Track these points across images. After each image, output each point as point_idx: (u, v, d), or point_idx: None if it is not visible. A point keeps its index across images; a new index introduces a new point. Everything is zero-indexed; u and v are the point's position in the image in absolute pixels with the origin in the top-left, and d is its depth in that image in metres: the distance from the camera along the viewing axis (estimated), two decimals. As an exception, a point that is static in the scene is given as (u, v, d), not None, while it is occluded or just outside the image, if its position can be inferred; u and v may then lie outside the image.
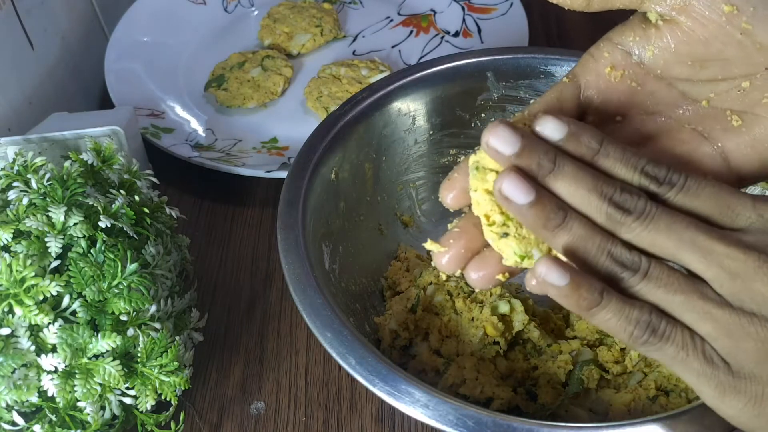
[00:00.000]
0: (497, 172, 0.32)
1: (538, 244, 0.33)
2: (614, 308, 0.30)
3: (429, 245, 0.36)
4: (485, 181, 0.33)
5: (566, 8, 0.35)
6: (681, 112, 0.36)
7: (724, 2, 0.32)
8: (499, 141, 0.31)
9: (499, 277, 0.34)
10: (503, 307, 0.48)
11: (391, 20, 0.81)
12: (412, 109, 0.55)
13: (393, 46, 0.78)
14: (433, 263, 0.36)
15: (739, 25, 0.33)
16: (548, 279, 0.30)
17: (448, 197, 0.35)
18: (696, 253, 0.30)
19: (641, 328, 0.30)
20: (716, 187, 0.31)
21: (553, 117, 0.31)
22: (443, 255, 0.35)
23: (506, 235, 0.33)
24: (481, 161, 0.33)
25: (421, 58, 0.77)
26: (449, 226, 0.36)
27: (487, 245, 0.34)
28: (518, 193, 0.30)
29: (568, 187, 0.31)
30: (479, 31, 0.78)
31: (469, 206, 0.34)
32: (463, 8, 0.81)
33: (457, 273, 0.35)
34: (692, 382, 0.31)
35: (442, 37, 0.78)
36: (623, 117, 0.36)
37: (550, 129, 0.31)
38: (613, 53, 0.36)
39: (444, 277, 0.52)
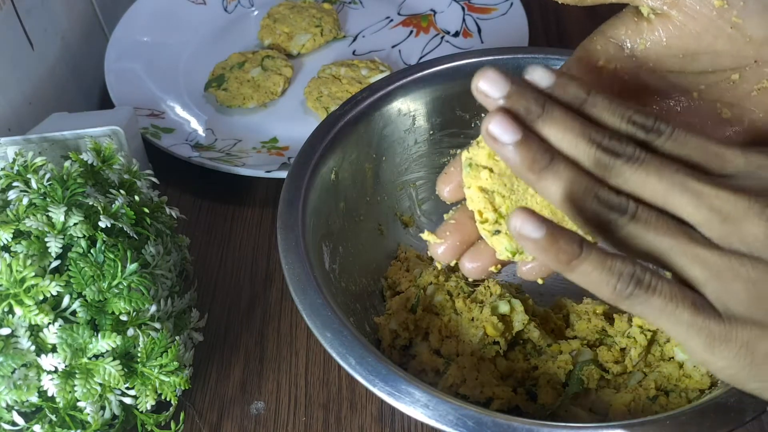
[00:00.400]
0: (490, 170, 0.33)
1: None
2: (595, 260, 0.29)
3: (426, 236, 0.37)
4: (478, 178, 0.33)
5: (560, 2, 0.36)
6: (672, 104, 0.36)
7: None
8: (488, 84, 0.30)
9: (492, 268, 0.36)
10: (503, 307, 0.48)
11: (391, 20, 0.81)
12: (412, 109, 0.55)
13: (393, 46, 0.78)
14: (429, 252, 0.37)
15: (729, 19, 0.33)
16: (524, 232, 0.29)
17: (445, 191, 0.36)
18: (685, 195, 0.29)
19: (625, 280, 0.29)
20: (704, 138, 0.31)
21: (543, 66, 0.31)
22: (439, 246, 0.36)
23: (498, 232, 0.33)
24: (473, 158, 0.33)
25: (421, 58, 0.77)
26: (445, 216, 0.37)
27: (481, 237, 0.35)
28: (505, 132, 0.30)
29: (557, 132, 0.30)
30: (479, 31, 0.78)
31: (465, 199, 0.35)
32: (463, 8, 0.81)
33: (452, 263, 0.36)
34: (681, 336, 0.30)
35: (442, 37, 0.78)
36: None
37: (539, 76, 0.31)
38: (606, 46, 0.36)
39: (444, 278, 0.52)
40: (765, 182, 0.29)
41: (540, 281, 0.35)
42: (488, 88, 0.30)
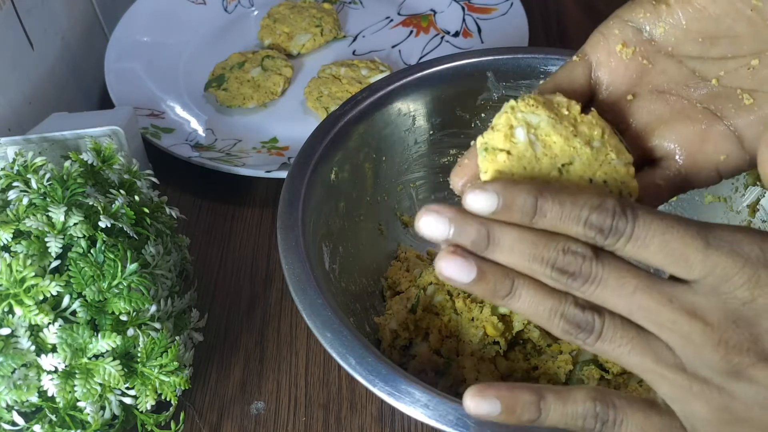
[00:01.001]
0: (508, 152, 0.32)
1: None
2: (557, 416, 0.30)
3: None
4: (495, 161, 0.32)
5: None
6: (692, 90, 0.35)
7: None
8: (428, 228, 0.30)
9: None
10: (503, 307, 0.48)
11: (391, 20, 0.81)
12: (412, 109, 0.55)
13: (393, 46, 0.78)
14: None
15: (749, 2, 0.33)
16: (480, 412, 0.30)
17: (459, 183, 0.35)
18: (645, 318, 0.29)
19: (590, 423, 0.30)
20: (667, 234, 0.28)
21: (481, 190, 0.30)
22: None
23: None
24: (489, 142, 0.33)
25: (421, 58, 0.77)
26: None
27: None
28: (459, 274, 0.30)
29: (508, 258, 0.30)
30: (479, 31, 0.78)
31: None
32: (463, 8, 0.81)
33: None
34: None
35: (442, 37, 0.78)
36: (634, 96, 0.36)
37: (479, 205, 0.30)
38: (624, 30, 0.35)
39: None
40: (723, 305, 0.28)
41: None
42: (430, 231, 0.30)
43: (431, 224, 0.30)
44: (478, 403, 0.30)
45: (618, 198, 0.29)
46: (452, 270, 0.30)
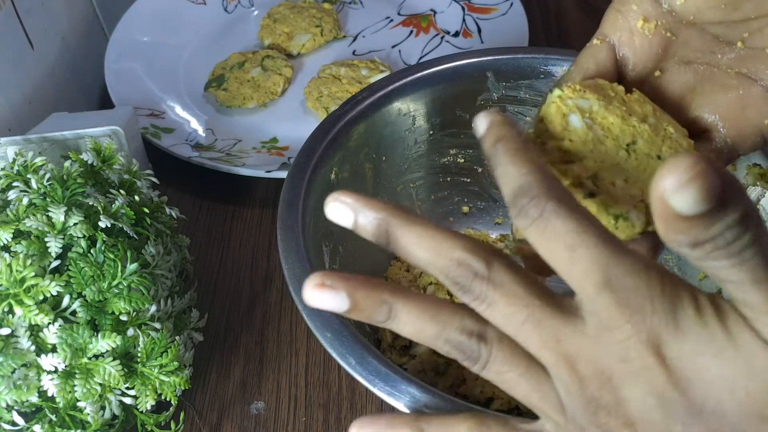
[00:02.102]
0: (569, 140, 0.30)
1: (635, 204, 0.29)
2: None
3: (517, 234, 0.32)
4: (561, 149, 0.30)
5: None
6: (719, 57, 0.34)
7: None
8: (334, 215, 0.30)
9: None
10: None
11: (391, 20, 0.81)
12: (412, 109, 0.55)
13: (393, 46, 0.78)
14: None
15: None
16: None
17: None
18: (533, 352, 0.28)
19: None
20: (577, 250, 0.26)
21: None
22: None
23: (592, 195, 0.30)
24: (546, 132, 0.31)
25: (421, 58, 0.77)
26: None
27: None
28: (332, 305, 0.29)
29: (406, 258, 0.30)
30: (479, 31, 0.78)
31: None
32: (463, 8, 0.81)
33: None
34: None
35: (442, 37, 0.78)
36: (662, 71, 0.34)
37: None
38: (642, 4, 0.34)
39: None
40: (600, 357, 0.26)
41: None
42: (335, 218, 0.30)
43: (337, 211, 0.30)
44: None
45: (539, 183, 0.26)
46: (324, 303, 0.29)
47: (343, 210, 0.30)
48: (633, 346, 0.26)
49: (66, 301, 0.43)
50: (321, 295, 0.29)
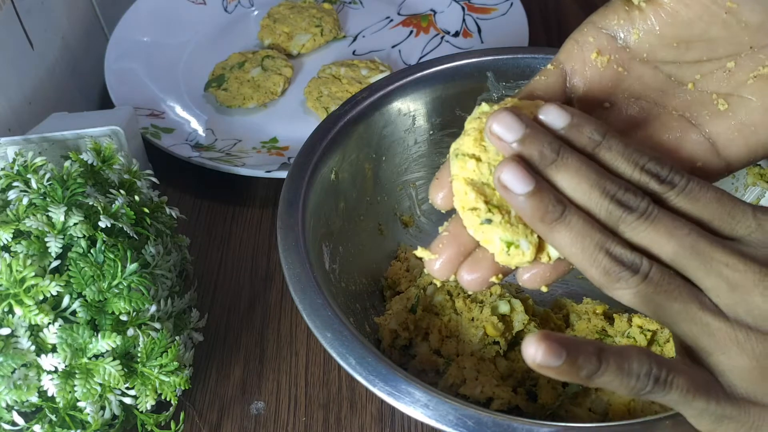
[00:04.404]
0: (478, 158, 0.31)
1: (527, 234, 0.31)
2: (613, 369, 0.28)
3: (420, 252, 0.34)
4: (464, 168, 0.32)
5: None
6: (668, 96, 0.35)
7: None
8: (502, 127, 0.30)
9: (493, 278, 0.33)
10: (503, 307, 0.48)
11: (391, 20, 0.81)
12: (412, 109, 0.55)
13: (393, 46, 0.78)
14: (426, 270, 0.34)
15: (723, 5, 0.33)
16: (545, 361, 0.28)
17: (438, 197, 0.34)
18: (696, 259, 0.29)
19: (643, 380, 0.29)
20: (718, 193, 0.30)
21: (557, 105, 0.31)
22: (435, 261, 0.33)
23: (489, 221, 0.31)
24: (460, 147, 0.32)
25: (421, 58, 0.77)
26: (440, 229, 0.34)
27: (479, 245, 0.33)
28: (517, 181, 0.29)
29: (570, 180, 0.30)
30: (479, 31, 0.78)
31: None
32: (463, 8, 0.81)
33: (452, 278, 0.34)
34: (692, 418, 0.30)
35: (442, 37, 0.78)
36: (611, 104, 0.35)
37: (553, 116, 0.30)
38: (598, 38, 0.35)
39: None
40: None
41: (544, 289, 0.34)
42: (503, 131, 0.30)
43: (508, 122, 0.30)
44: (542, 350, 0.28)
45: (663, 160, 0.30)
46: (511, 176, 0.29)
47: (515, 123, 0.30)
48: None
49: (66, 301, 0.43)
50: (515, 168, 0.30)
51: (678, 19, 0.34)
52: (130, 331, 0.44)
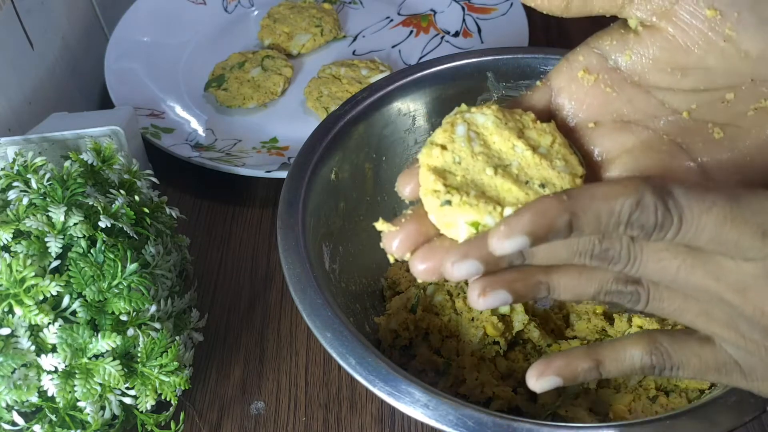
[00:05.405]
0: (443, 147, 0.32)
1: (489, 211, 0.30)
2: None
3: (380, 225, 0.32)
4: (430, 155, 0.32)
5: (544, 12, 0.35)
6: (661, 122, 0.34)
7: (707, 6, 0.31)
8: (460, 272, 0.29)
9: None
10: (503, 307, 0.48)
11: (391, 20, 0.81)
12: (412, 109, 0.55)
13: (393, 46, 0.78)
14: (382, 244, 0.32)
15: (722, 32, 0.31)
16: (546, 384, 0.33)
17: (406, 189, 0.33)
18: (691, 292, 0.30)
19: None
20: (719, 227, 0.27)
21: (506, 234, 0.27)
22: (394, 236, 0.32)
23: (449, 203, 0.30)
24: (432, 138, 0.32)
25: (421, 58, 0.77)
26: (404, 212, 0.33)
27: (440, 233, 0.31)
28: (497, 303, 0.30)
29: (545, 261, 0.31)
30: (479, 31, 0.78)
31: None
32: (463, 8, 0.81)
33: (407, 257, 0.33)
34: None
35: (442, 37, 0.78)
36: (596, 124, 0.35)
37: (506, 250, 0.27)
38: (588, 57, 0.35)
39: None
40: None
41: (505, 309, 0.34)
42: (465, 273, 0.29)
43: (465, 268, 0.29)
44: (542, 384, 0.32)
45: (654, 187, 0.27)
46: (490, 303, 0.30)
47: (471, 265, 0.29)
48: None
49: (66, 301, 0.43)
50: (486, 301, 0.30)
51: (673, 45, 0.32)
52: (130, 331, 0.44)
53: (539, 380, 0.32)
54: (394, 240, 0.32)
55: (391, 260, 0.33)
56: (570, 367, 0.32)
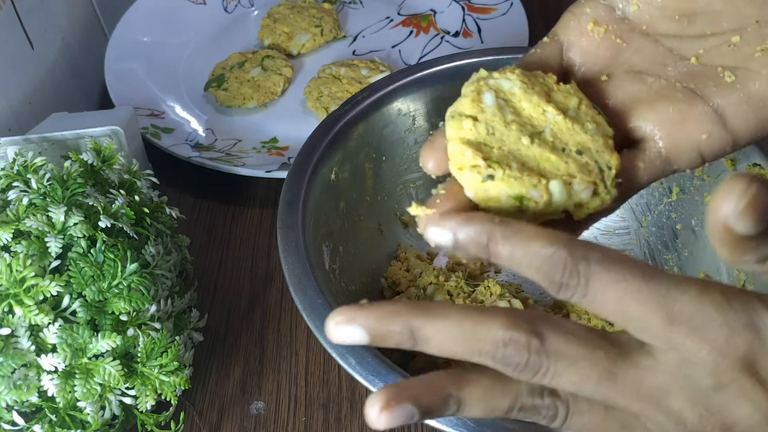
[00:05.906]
0: (474, 118, 0.30)
1: (535, 184, 0.29)
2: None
3: (414, 209, 0.30)
4: (461, 128, 0.30)
5: None
6: (670, 69, 0.34)
7: None
8: (341, 336, 0.27)
9: None
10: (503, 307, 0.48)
11: (391, 20, 0.81)
12: (412, 109, 0.55)
13: (393, 46, 0.78)
14: (419, 229, 0.29)
15: None
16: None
17: (430, 162, 0.31)
18: (612, 404, 0.27)
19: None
20: (625, 299, 0.25)
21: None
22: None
23: (491, 177, 0.29)
24: (457, 109, 0.31)
25: (421, 58, 0.77)
26: (433, 191, 0.31)
27: (477, 208, 0.30)
28: (401, 421, 0.26)
29: (441, 354, 0.27)
30: (479, 31, 0.78)
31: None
32: (463, 8, 0.81)
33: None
34: None
35: (442, 37, 0.78)
36: (609, 76, 0.34)
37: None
38: (596, 8, 0.34)
39: (444, 278, 0.52)
40: (691, 388, 0.26)
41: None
42: (346, 339, 0.27)
43: (347, 335, 0.27)
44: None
45: (569, 248, 0.25)
46: (394, 420, 0.26)
47: (355, 331, 0.27)
48: (723, 371, 0.25)
49: (66, 301, 0.43)
50: (389, 417, 0.26)
51: None
52: (130, 331, 0.44)
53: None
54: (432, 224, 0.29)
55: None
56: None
